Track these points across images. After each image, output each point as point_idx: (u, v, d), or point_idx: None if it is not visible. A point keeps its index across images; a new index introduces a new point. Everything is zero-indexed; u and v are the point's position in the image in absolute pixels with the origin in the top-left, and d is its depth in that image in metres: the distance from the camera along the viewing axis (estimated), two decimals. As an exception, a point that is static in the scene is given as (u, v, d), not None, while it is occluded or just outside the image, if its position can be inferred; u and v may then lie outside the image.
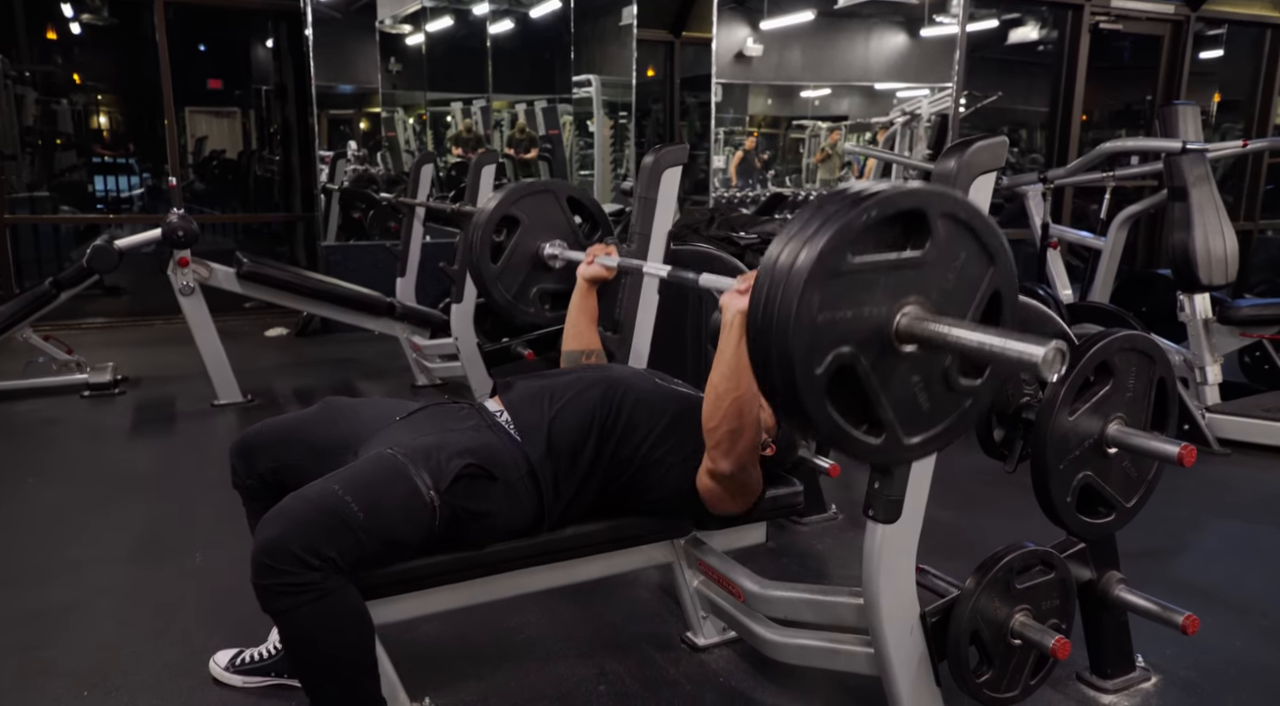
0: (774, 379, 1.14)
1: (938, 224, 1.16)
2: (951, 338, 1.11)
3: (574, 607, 2.30)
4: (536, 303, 2.48)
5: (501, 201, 2.40)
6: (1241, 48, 6.70)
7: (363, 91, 7.05)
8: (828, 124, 9.28)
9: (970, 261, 1.21)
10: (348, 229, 6.46)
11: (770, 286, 1.12)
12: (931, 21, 7.80)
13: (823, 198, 1.17)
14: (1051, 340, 1.01)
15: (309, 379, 4.67)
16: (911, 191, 1.15)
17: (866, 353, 1.16)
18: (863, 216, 1.11)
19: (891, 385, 1.19)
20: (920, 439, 1.24)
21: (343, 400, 1.93)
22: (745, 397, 1.59)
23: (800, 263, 1.09)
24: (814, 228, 1.11)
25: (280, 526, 1.46)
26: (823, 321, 1.11)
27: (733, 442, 1.63)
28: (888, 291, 1.16)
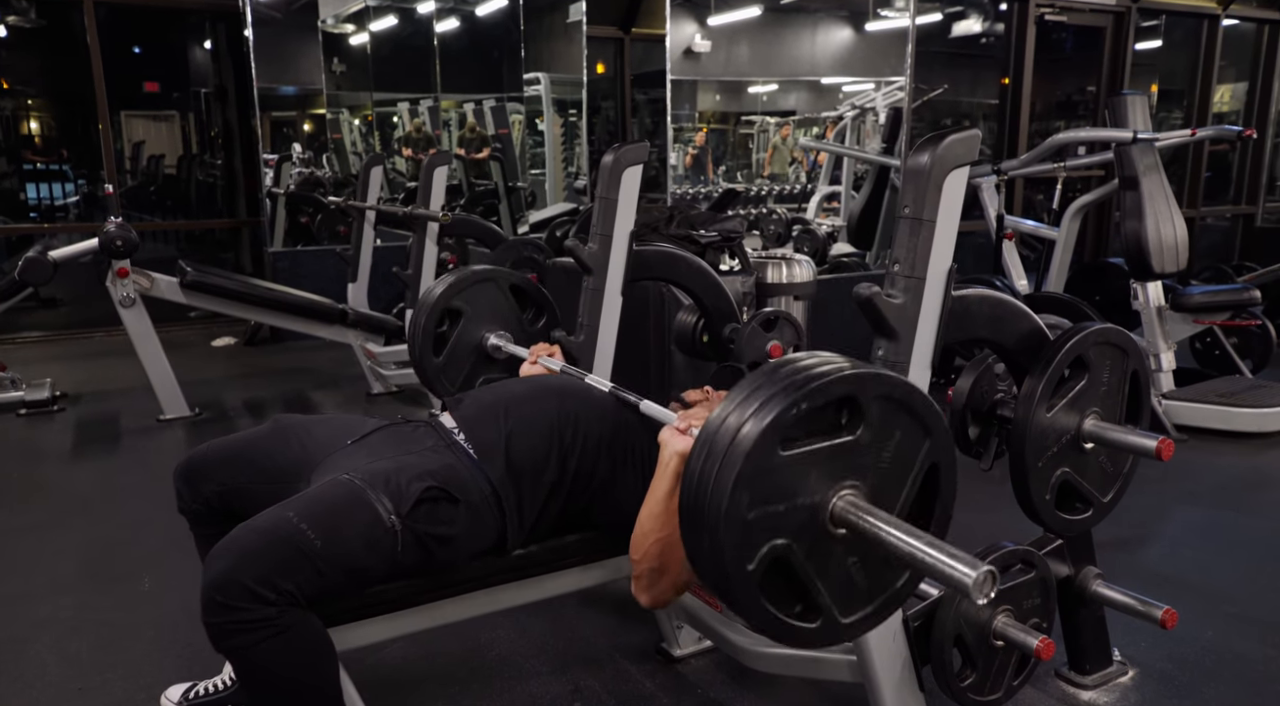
0: (706, 568, 1.12)
1: (871, 406, 1.14)
2: (884, 537, 1.08)
3: (544, 622, 2.23)
4: None
5: (443, 294, 2.34)
6: (1178, 38, 6.83)
7: (306, 93, 6.89)
8: (776, 119, 9.29)
9: (905, 438, 1.18)
10: (295, 234, 6.30)
11: (700, 480, 1.09)
12: (876, 15, 7.84)
13: (758, 376, 1.13)
14: (982, 564, 0.99)
15: (260, 390, 4.53)
16: (842, 378, 1.11)
17: (801, 542, 1.12)
18: (792, 411, 1.07)
19: (828, 569, 1.16)
20: (857, 617, 1.20)
21: (295, 418, 1.83)
22: (671, 540, 1.51)
23: (731, 457, 1.07)
24: (749, 411, 1.08)
25: (231, 560, 1.37)
26: (754, 518, 1.08)
27: (653, 581, 1.57)
28: (822, 477, 1.12)
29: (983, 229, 6.48)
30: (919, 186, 1.54)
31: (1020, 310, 1.73)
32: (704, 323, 2.65)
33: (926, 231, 1.54)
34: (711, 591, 1.19)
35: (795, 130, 8.37)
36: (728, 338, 2.56)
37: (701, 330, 2.66)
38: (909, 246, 1.55)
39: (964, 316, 1.64)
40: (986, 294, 1.68)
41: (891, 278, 1.56)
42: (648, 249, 2.51)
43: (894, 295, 1.55)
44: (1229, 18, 6.30)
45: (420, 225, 3.74)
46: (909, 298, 1.55)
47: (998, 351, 1.77)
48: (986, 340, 1.72)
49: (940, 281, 1.56)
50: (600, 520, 1.76)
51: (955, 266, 1.59)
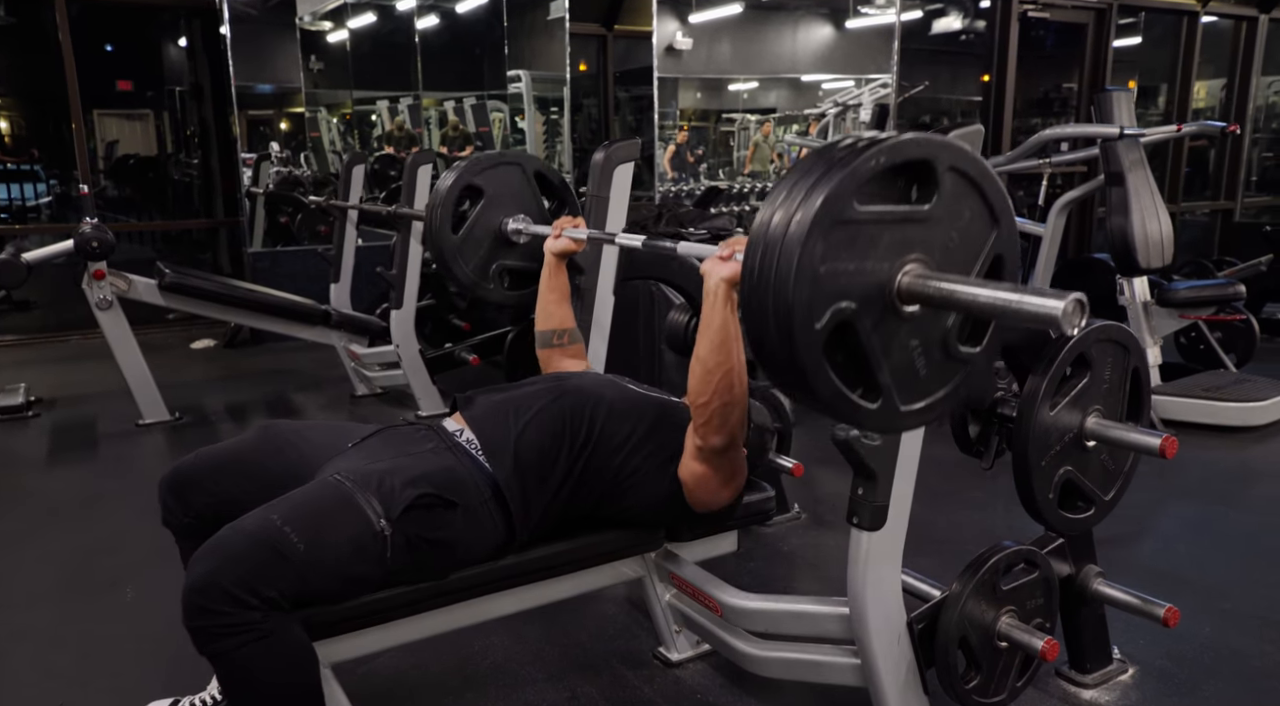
0: (769, 335, 1.07)
1: (945, 177, 1.10)
2: (960, 295, 1.05)
3: (539, 627, 2.19)
4: (497, 279, 2.36)
5: (465, 170, 2.28)
6: (1157, 35, 6.88)
7: (283, 91, 6.79)
8: (757, 117, 9.29)
9: (975, 221, 1.15)
10: (274, 234, 6.21)
11: (770, 235, 1.05)
12: (857, 13, 7.85)
13: (823, 147, 1.10)
14: (1069, 293, 0.95)
15: (241, 393, 4.46)
16: (920, 140, 1.08)
17: (867, 310, 1.09)
18: (871, 162, 1.04)
19: (890, 347, 1.13)
20: (917, 406, 1.18)
21: (285, 424, 1.79)
22: (737, 369, 1.53)
23: (804, 209, 1.02)
24: (818, 174, 1.04)
25: (212, 562, 1.34)
26: (825, 273, 1.05)
27: (725, 417, 1.56)
28: (891, 247, 1.09)
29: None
30: (921, 182, 1.51)
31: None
32: (695, 322, 2.62)
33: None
34: (774, 364, 1.10)
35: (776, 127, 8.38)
36: (720, 337, 2.53)
37: (693, 329, 2.63)
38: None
39: (967, 314, 1.62)
40: (989, 291, 1.66)
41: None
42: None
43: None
44: (1208, 14, 6.34)
45: (404, 224, 3.69)
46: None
47: (1000, 349, 1.74)
48: (989, 338, 1.70)
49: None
50: (611, 514, 1.74)
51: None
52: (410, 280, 3.74)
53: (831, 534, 2.72)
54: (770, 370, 1.12)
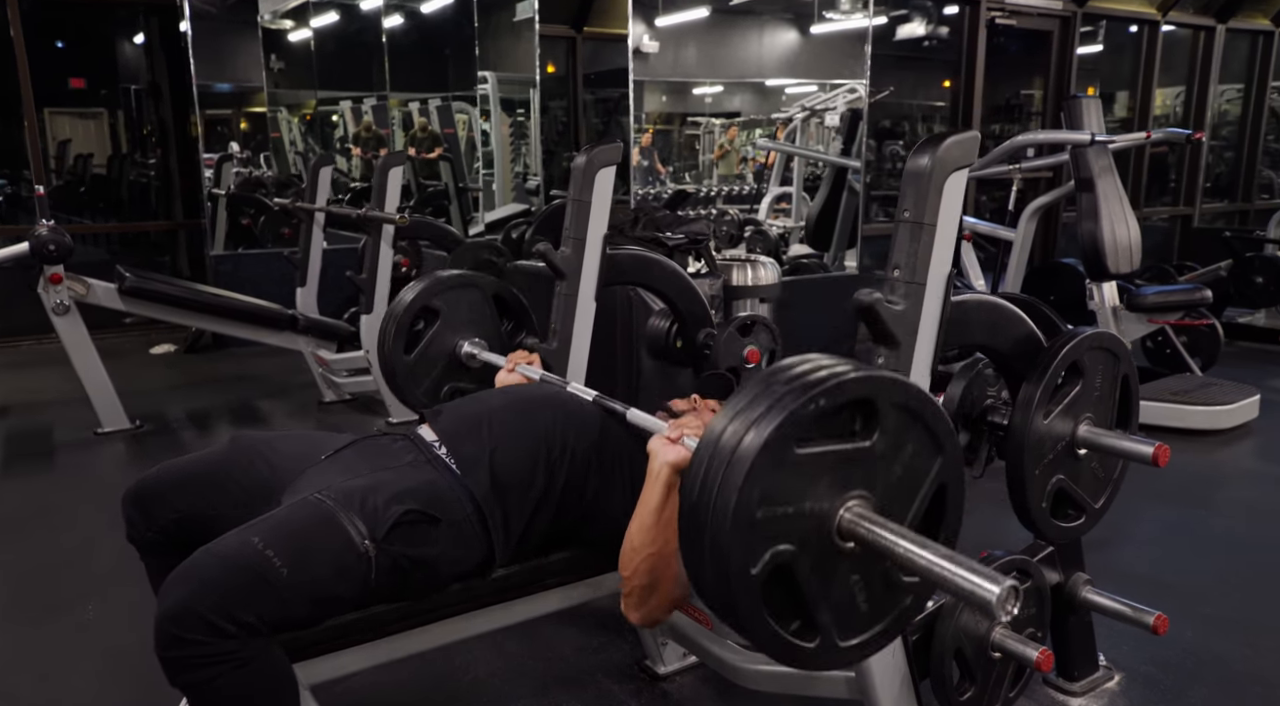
0: (705, 575, 1.05)
1: (888, 413, 1.09)
2: (898, 551, 1.03)
3: (521, 641, 2.14)
4: (448, 400, 2.31)
5: (423, 291, 2.25)
6: (1118, 43, 6.99)
7: (244, 90, 6.66)
8: (721, 121, 9.30)
9: (918, 452, 1.13)
10: (236, 236, 6.08)
11: (708, 475, 1.03)
12: (822, 18, 7.89)
13: (768, 376, 1.08)
14: (1005, 579, 0.94)
15: (204, 400, 4.34)
16: (861, 379, 1.06)
17: (806, 551, 1.07)
18: (810, 406, 1.02)
19: (830, 585, 1.10)
20: (856, 642, 1.14)
21: (254, 435, 1.71)
22: (663, 554, 1.47)
23: (741, 452, 1.00)
24: (759, 411, 1.02)
25: (188, 588, 1.26)
26: (762, 517, 1.02)
27: (643, 598, 1.51)
28: (832, 484, 1.07)
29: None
30: (919, 189, 1.49)
31: (1016, 315, 1.70)
32: (677, 327, 2.59)
33: (927, 236, 1.50)
34: (710, 601, 1.10)
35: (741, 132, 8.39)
36: (703, 343, 2.50)
37: (675, 335, 2.60)
38: (909, 251, 1.50)
39: (962, 322, 1.61)
40: (984, 299, 1.65)
41: (891, 283, 1.52)
42: (620, 252, 2.45)
43: (894, 301, 1.50)
44: (1167, 24, 6.45)
45: (375, 228, 3.62)
46: (909, 304, 1.50)
47: (993, 357, 1.74)
48: (983, 346, 1.69)
49: (940, 286, 1.52)
50: (592, 536, 1.69)
51: (955, 271, 1.55)
52: (381, 284, 3.67)
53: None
54: (706, 604, 1.11)
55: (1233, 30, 6.86)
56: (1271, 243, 5.42)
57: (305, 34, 6.89)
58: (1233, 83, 7.37)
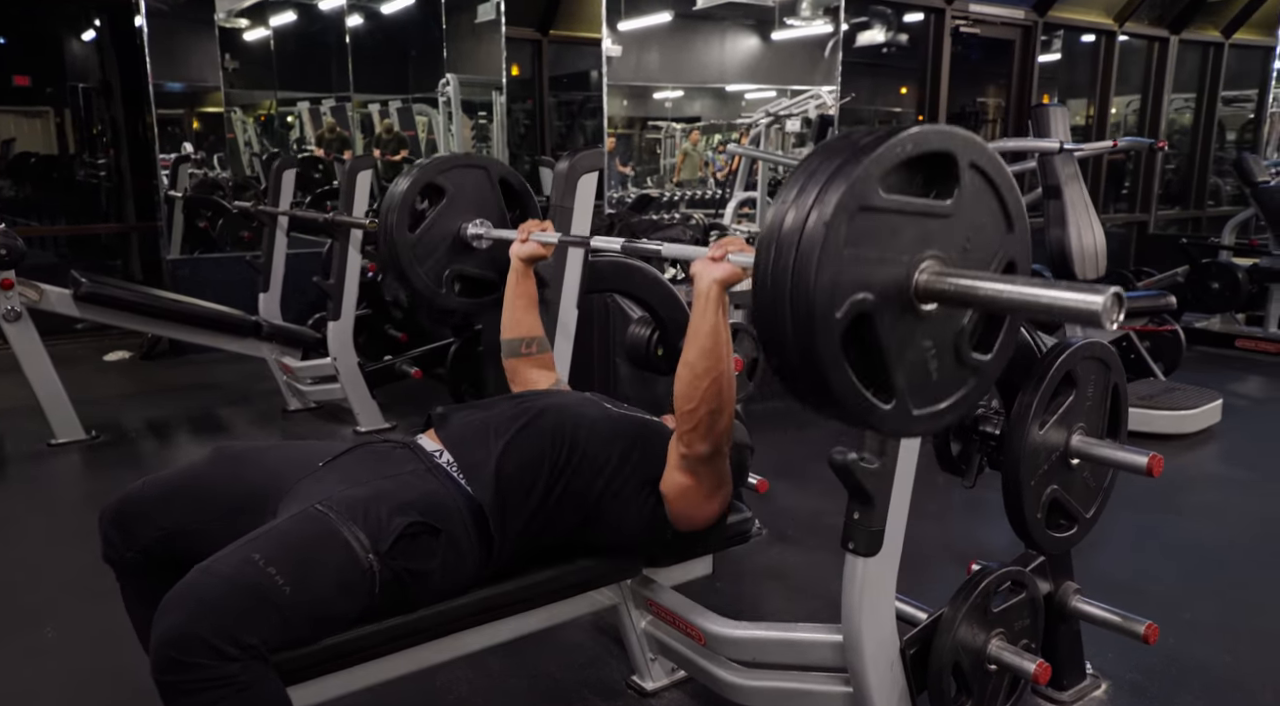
0: (784, 327, 1.02)
1: (966, 174, 1.08)
2: (983, 291, 1.02)
3: (505, 659, 2.09)
4: (449, 285, 2.25)
5: (428, 168, 2.17)
6: (1077, 53, 7.12)
7: (199, 90, 6.50)
8: (682, 125, 9.32)
9: (990, 223, 1.13)
10: (193, 239, 5.93)
11: (788, 225, 1.01)
12: (783, 25, 7.94)
13: (839, 136, 1.07)
14: (1108, 287, 0.93)
15: (163, 409, 4.21)
16: (944, 132, 1.06)
17: (885, 304, 1.06)
18: (898, 148, 1.01)
19: (905, 347, 1.09)
20: (929, 411, 1.15)
21: (240, 447, 1.65)
22: (726, 374, 1.49)
23: (829, 192, 0.99)
24: (840, 160, 1.01)
25: (187, 610, 1.21)
26: (847, 258, 1.01)
27: (712, 423, 1.51)
28: (910, 242, 1.06)
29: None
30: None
31: (1011, 325, 1.69)
32: (658, 335, 2.56)
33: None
34: (788, 360, 1.06)
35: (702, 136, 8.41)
36: (684, 351, 2.47)
37: (656, 343, 2.57)
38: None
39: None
40: (981, 309, 1.64)
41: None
42: (602, 259, 2.41)
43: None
44: (1123, 34, 6.58)
45: (343, 233, 3.54)
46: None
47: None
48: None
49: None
50: (592, 540, 1.66)
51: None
52: (348, 290, 3.59)
53: (794, 550, 2.69)
54: (783, 366, 1.07)
55: (1185, 41, 7.02)
56: (1226, 249, 5.54)
57: (264, 33, 6.74)
58: (1184, 92, 7.54)
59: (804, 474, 3.26)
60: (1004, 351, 1.18)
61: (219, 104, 6.56)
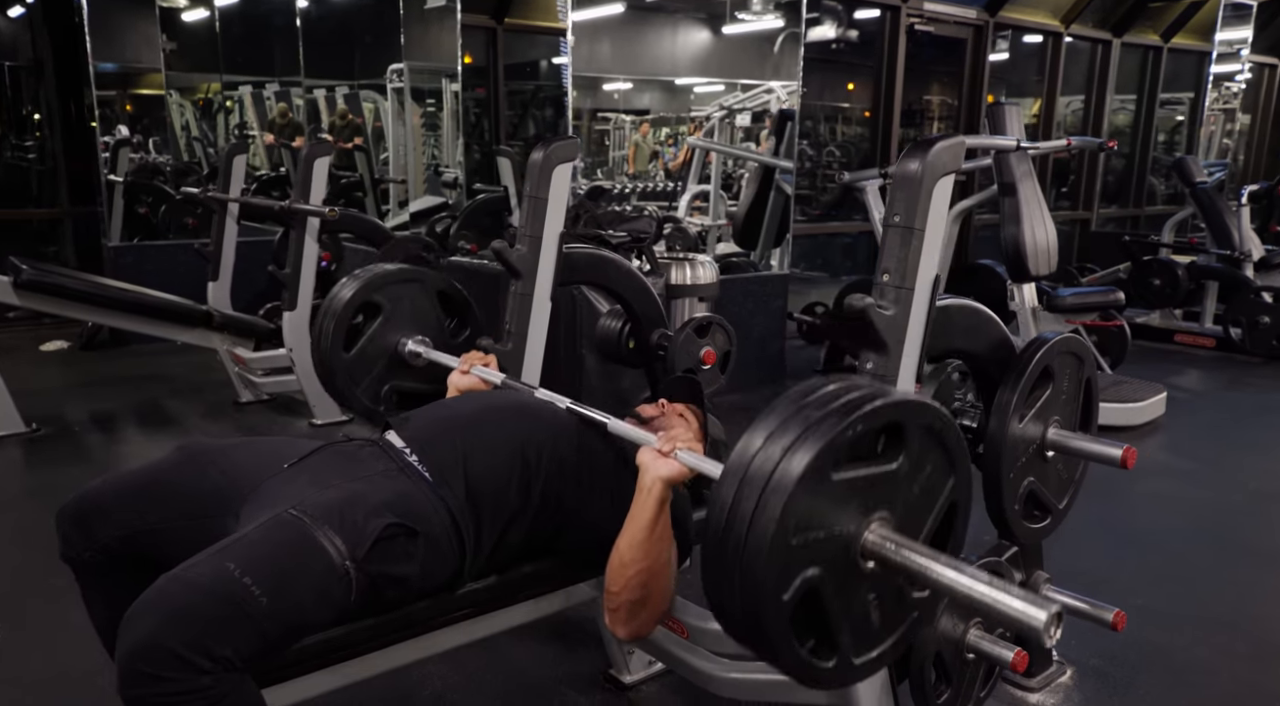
0: (733, 606, 1.05)
1: (914, 435, 1.10)
2: (932, 576, 1.03)
3: (478, 653, 2.06)
4: (388, 401, 2.20)
5: (364, 285, 2.14)
6: (1022, 54, 7.26)
7: (132, 71, 6.29)
8: (631, 117, 9.30)
9: (935, 472, 1.15)
10: (133, 226, 5.73)
11: (738, 502, 1.02)
12: (734, 19, 7.96)
13: (796, 398, 1.07)
14: (1051, 604, 0.95)
15: (107, 401, 4.07)
16: (896, 404, 1.07)
17: (832, 574, 1.07)
18: (849, 431, 1.02)
19: (851, 605, 1.10)
20: (868, 658, 1.15)
21: (207, 444, 1.58)
22: (654, 569, 1.45)
23: (780, 479, 1.00)
24: (793, 435, 1.02)
25: (157, 620, 1.15)
26: (796, 545, 1.02)
27: (632, 613, 1.48)
28: (858, 506, 1.07)
29: (850, 230, 6.69)
30: (909, 194, 1.49)
31: (992, 319, 1.72)
32: (629, 328, 2.55)
33: (917, 241, 1.50)
34: (735, 627, 1.10)
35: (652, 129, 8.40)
36: (657, 343, 2.46)
37: (627, 336, 2.55)
38: (899, 256, 1.50)
39: (945, 327, 1.61)
40: (964, 303, 1.66)
41: (881, 288, 1.51)
42: (576, 251, 2.38)
43: (885, 307, 1.49)
44: (1069, 36, 6.73)
45: (300, 221, 3.45)
46: (899, 309, 1.50)
47: (969, 361, 1.75)
48: (961, 351, 1.70)
49: (928, 291, 1.52)
50: (569, 547, 1.63)
51: (940, 276, 1.55)
52: (305, 279, 3.50)
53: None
54: (730, 632, 1.10)
55: (1127, 44, 7.20)
56: (1166, 247, 5.71)
57: (207, 14, 6.55)
58: (1125, 94, 7.75)
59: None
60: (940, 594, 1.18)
61: (156, 86, 6.35)
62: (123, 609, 1.46)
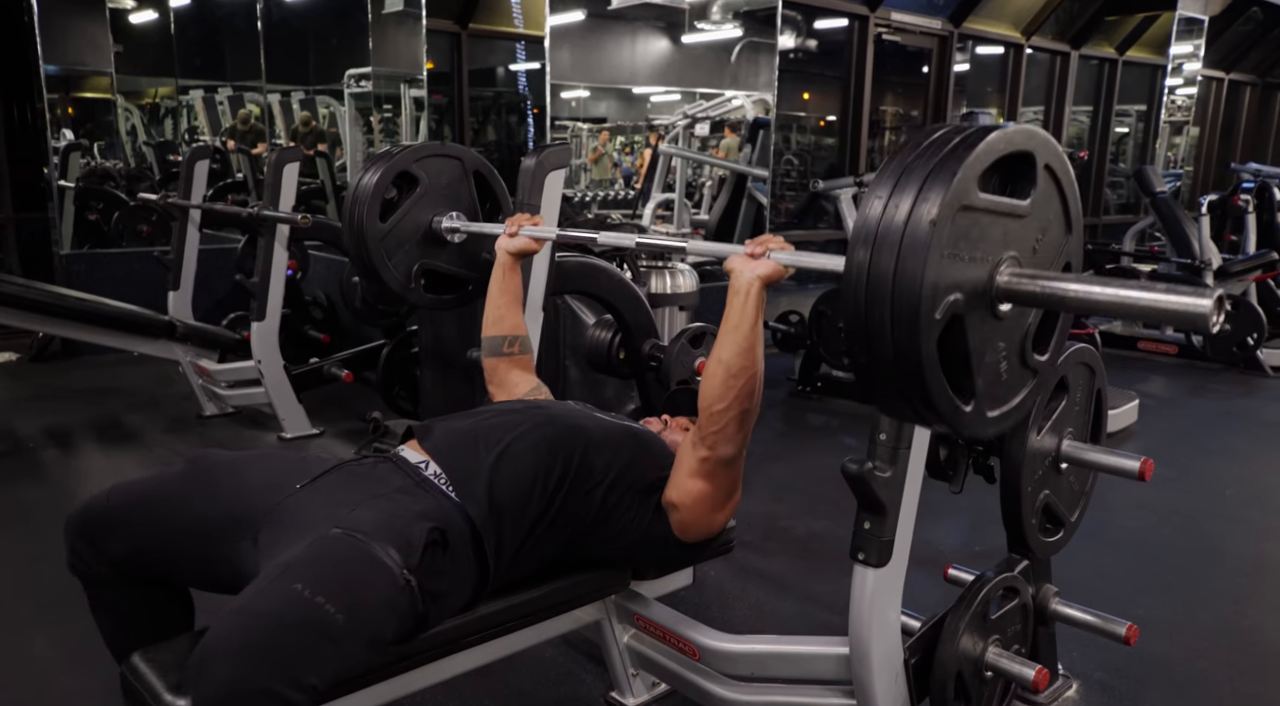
0: (883, 328, 1.00)
1: (1041, 175, 1.09)
2: (1074, 294, 1.01)
3: (475, 676, 1.97)
4: (416, 280, 2.12)
5: (403, 156, 2.06)
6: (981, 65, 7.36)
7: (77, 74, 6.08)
8: (589, 125, 9.27)
9: (1055, 224, 1.14)
10: (84, 233, 5.53)
11: (889, 222, 0.99)
12: (692, 28, 7.97)
13: (923, 136, 1.05)
14: (1212, 289, 0.93)
15: (61, 415, 3.89)
16: (1026, 132, 1.06)
17: (973, 305, 1.05)
18: (993, 147, 1.01)
19: (985, 348, 1.09)
20: (998, 412, 1.14)
21: (217, 456, 1.50)
22: (760, 374, 1.46)
23: (933, 189, 0.97)
24: (936, 160, 0.99)
25: (237, 661, 1.07)
26: (946, 259, 1.00)
27: (742, 423, 1.47)
28: (993, 243, 1.06)
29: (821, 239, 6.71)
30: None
31: (1008, 331, 1.69)
32: (620, 338, 2.49)
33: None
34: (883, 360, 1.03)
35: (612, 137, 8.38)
36: (649, 354, 2.41)
37: (618, 347, 2.50)
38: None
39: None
40: (983, 315, 1.63)
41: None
42: (568, 260, 2.32)
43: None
44: (1030, 47, 6.84)
45: (269, 228, 3.33)
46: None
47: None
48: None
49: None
50: (588, 556, 1.58)
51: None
52: (274, 289, 3.39)
53: (754, 555, 2.65)
54: (877, 366, 1.04)
55: (1084, 56, 7.34)
56: (1127, 255, 5.81)
57: (159, 16, 6.37)
58: (1081, 105, 7.90)
59: (750, 478, 3.24)
60: (1058, 351, 1.18)
61: (102, 89, 6.16)
62: (131, 619, 1.39)
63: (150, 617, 1.47)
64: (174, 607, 1.50)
